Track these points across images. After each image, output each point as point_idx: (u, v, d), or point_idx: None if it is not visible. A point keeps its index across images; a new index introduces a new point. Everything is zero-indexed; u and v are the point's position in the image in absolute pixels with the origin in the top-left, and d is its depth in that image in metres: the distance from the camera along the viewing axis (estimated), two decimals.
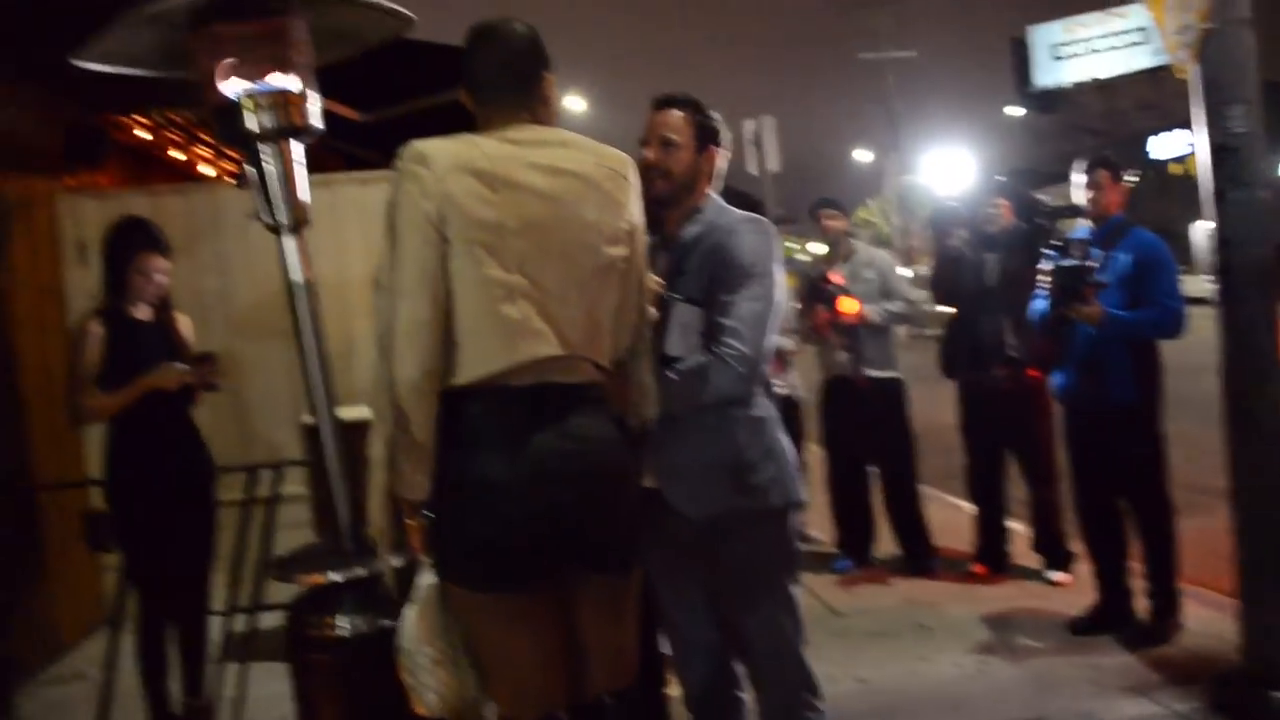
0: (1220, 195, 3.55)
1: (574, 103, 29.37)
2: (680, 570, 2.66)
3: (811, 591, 5.32)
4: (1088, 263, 4.16)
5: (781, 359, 6.17)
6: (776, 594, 2.61)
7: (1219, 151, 3.54)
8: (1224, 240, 3.55)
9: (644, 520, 2.31)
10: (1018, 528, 5.53)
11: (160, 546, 3.57)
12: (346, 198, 5.39)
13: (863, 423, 5.45)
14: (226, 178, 7.23)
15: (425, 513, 2.15)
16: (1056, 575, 5.09)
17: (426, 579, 2.19)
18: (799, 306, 5.51)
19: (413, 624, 2.17)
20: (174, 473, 3.61)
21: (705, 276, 2.54)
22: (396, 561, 2.36)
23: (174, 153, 6.65)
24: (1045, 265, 4.26)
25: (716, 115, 2.70)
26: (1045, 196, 4.39)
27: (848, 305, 5.28)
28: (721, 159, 2.71)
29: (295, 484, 4.23)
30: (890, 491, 5.58)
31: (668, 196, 2.63)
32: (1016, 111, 38.15)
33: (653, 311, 2.45)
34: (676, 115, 2.63)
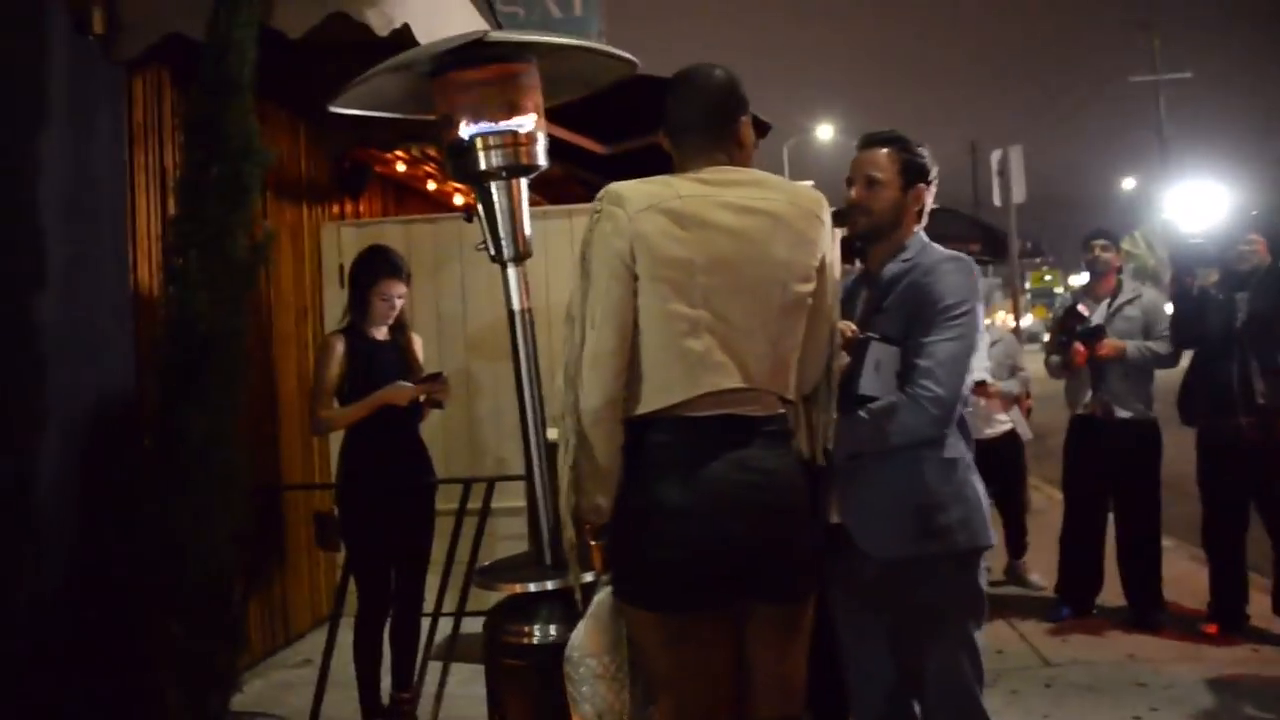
0: None
1: (824, 131, 29.46)
2: (863, 607, 2.68)
3: (1024, 638, 5.17)
4: None
5: (1005, 399, 6.04)
6: (958, 636, 2.58)
7: None
8: None
9: (820, 554, 2.35)
10: (1260, 588, 5.15)
11: (380, 548, 3.87)
12: (556, 229, 5.64)
13: (1107, 465, 5.23)
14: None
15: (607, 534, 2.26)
16: None
17: (602, 595, 2.31)
18: (1049, 339, 5.39)
19: (582, 636, 2.29)
20: (397, 480, 3.89)
21: (904, 315, 2.56)
22: (585, 578, 2.49)
23: (430, 184, 7.14)
24: None
25: (925, 152, 2.71)
26: None
27: (1107, 344, 5.12)
28: (929, 196, 2.72)
29: (517, 498, 4.46)
30: (1128, 540, 5.31)
31: (870, 233, 2.69)
32: None
33: (842, 350, 2.49)
34: (882, 154, 2.67)
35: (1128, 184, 46.99)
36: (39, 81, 3.13)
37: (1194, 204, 27.16)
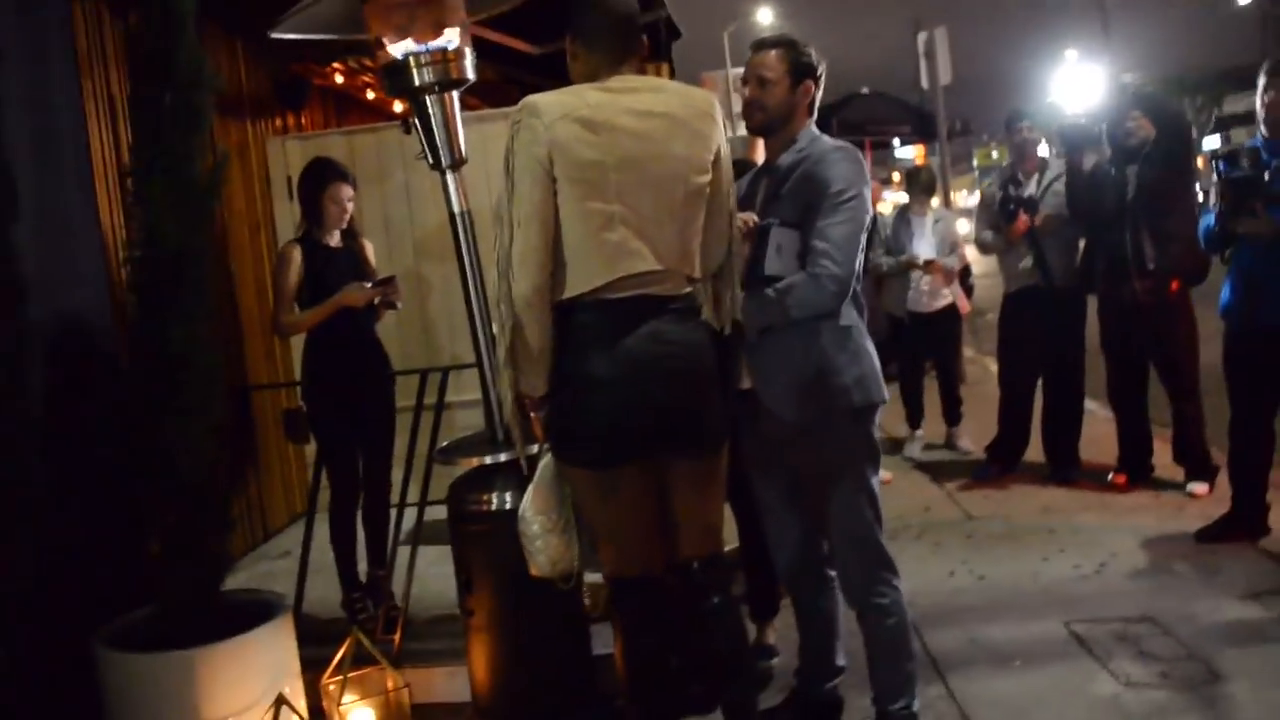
0: None
1: (764, 15, 29.25)
2: (773, 462, 3.03)
3: (950, 496, 5.61)
4: (1262, 174, 4.05)
5: (948, 273, 6.42)
6: (857, 483, 2.92)
7: None
8: None
9: (727, 411, 2.70)
10: (1164, 440, 5.57)
11: (346, 437, 4.19)
12: (495, 132, 5.81)
13: (1042, 335, 5.60)
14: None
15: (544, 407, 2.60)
16: (1196, 487, 5.18)
17: (544, 461, 2.67)
18: (977, 218, 5.71)
19: (530, 498, 2.66)
20: (357, 376, 4.20)
21: (800, 201, 2.84)
22: (530, 450, 2.83)
23: (369, 94, 7.26)
24: (1214, 177, 4.23)
25: (812, 51, 2.95)
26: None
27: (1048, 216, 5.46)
28: (817, 92, 2.97)
29: (473, 391, 4.74)
30: (1054, 405, 5.72)
31: (764, 128, 2.97)
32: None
33: (741, 232, 2.80)
34: (771, 55, 2.91)
35: (1071, 56, 46.93)
36: None
37: (1077, 84, 27.62)
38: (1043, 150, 6.36)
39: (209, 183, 3.24)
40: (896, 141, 13.86)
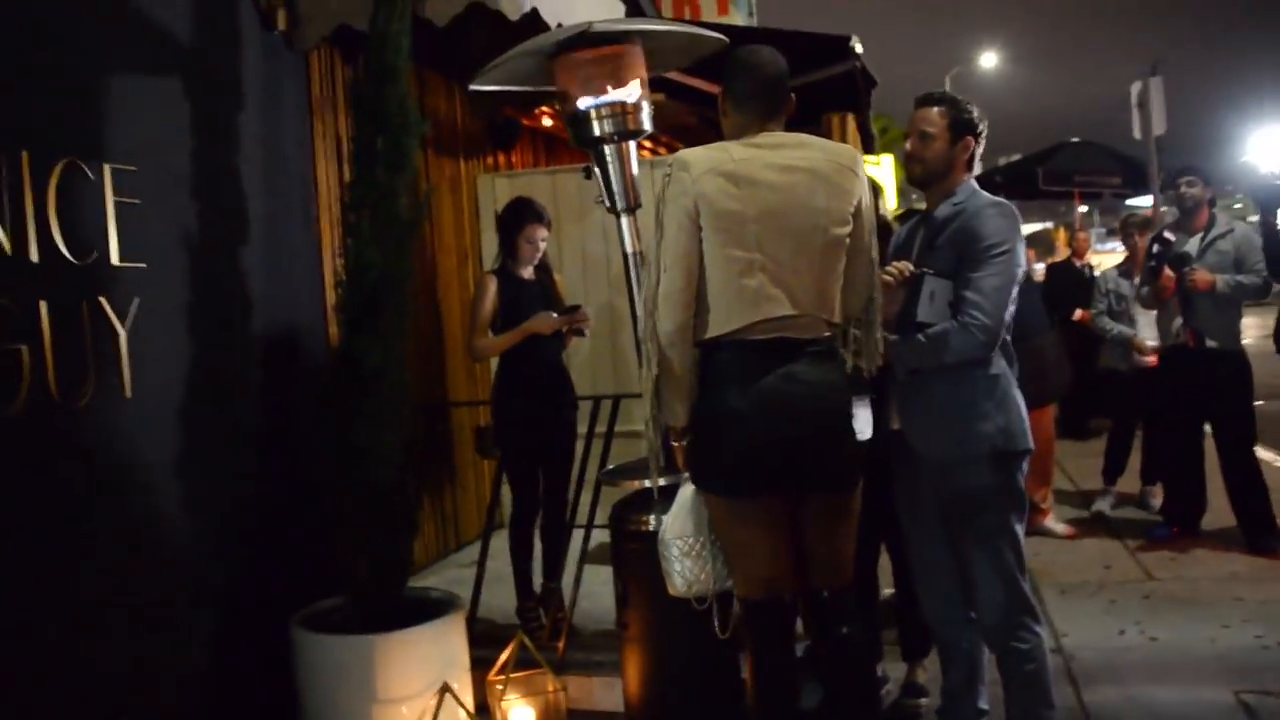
0: None
1: (987, 59, 28.84)
2: (921, 503, 3.12)
3: (1133, 555, 5.45)
4: None
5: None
6: (999, 526, 2.97)
7: None
8: None
9: (859, 452, 2.81)
10: None
11: (528, 453, 4.48)
12: None
13: (1199, 394, 5.42)
14: (645, 156, 8.23)
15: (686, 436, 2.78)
16: None
17: (685, 488, 2.86)
18: (1142, 271, 5.60)
19: (670, 522, 2.85)
20: (542, 399, 4.49)
21: (954, 253, 2.96)
22: (664, 478, 3.02)
23: None
24: None
25: (974, 108, 3.07)
26: None
27: (1199, 275, 5.28)
28: (977, 146, 3.08)
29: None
30: (1226, 467, 5.50)
31: (923, 181, 3.09)
32: None
33: (892, 273, 2.95)
34: (933, 111, 3.05)
35: None
36: (235, 69, 3.78)
37: (1273, 144, 25.80)
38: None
39: (412, 217, 3.61)
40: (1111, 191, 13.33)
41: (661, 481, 3.30)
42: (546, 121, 7.06)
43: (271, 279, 3.84)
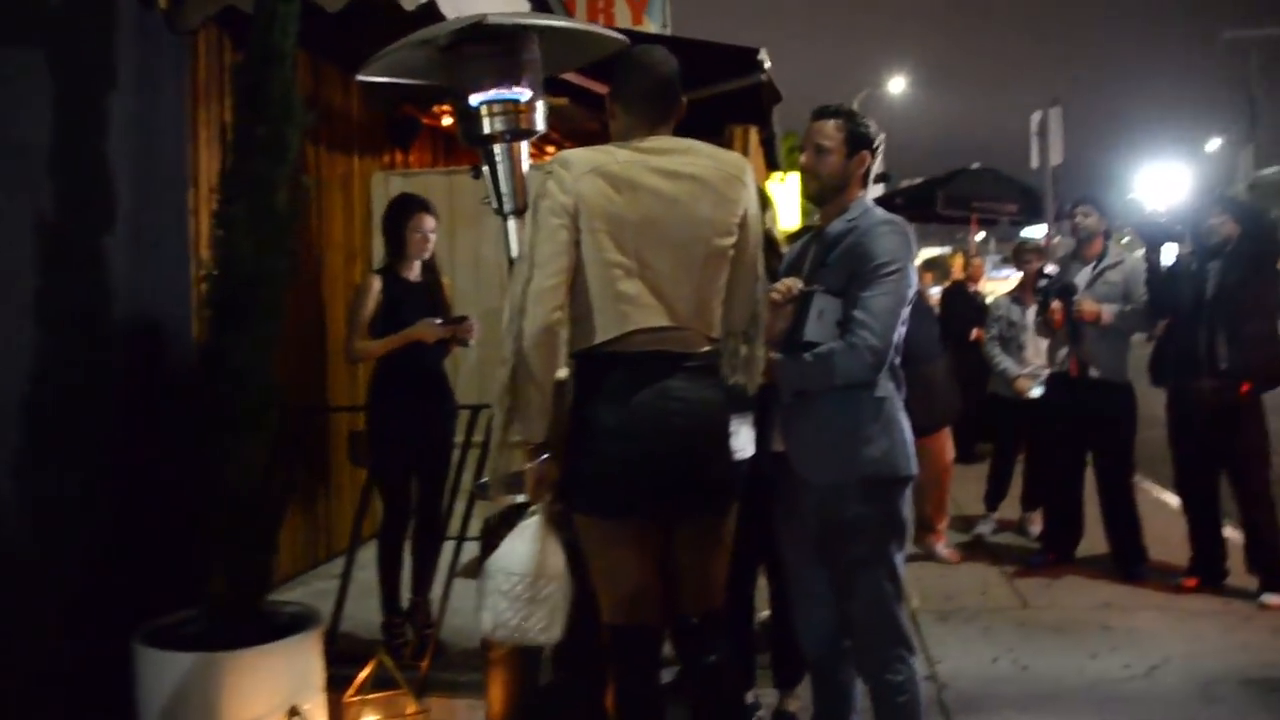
0: None
1: (896, 84, 29.34)
2: (800, 525, 3.02)
3: (1010, 582, 5.49)
4: None
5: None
6: (878, 555, 2.90)
7: None
8: None
9: (735, 473, 2.74)
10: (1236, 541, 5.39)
11: (401, 466, 4.32)
12: None
13: (1080, 423, 5.50)
14: (543, 159, 8.07)
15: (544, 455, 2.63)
16: (1270, 599, 4.95)
17: (528, 519, 2.68)
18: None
19: (501, 552, 2.65)
20: (419, 407, 4.33)
21: (845, 270, 2.89)
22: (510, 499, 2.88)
23: None
24: None
25: (870, 122, 3.01)
26: None
27: (1086, 306, 5.36)
28: (873, 161, 3.01)
29: None
30: (1105, 496, 5.58)
31: (818, 196, 3.03)
32: None
33: (780, 290, 2.87)
34: (830, 124, 2.97)
35: (1212, 145, 45.89)
36: (105, 49, 3.53)
37: (1161, 181, 27.27)
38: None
39: (290, 210, 3.43)
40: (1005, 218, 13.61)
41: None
42: (447, 120, 6.89)
43: (135, 272, 3.62)
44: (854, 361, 2.83)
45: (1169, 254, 5.26)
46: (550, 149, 8.01)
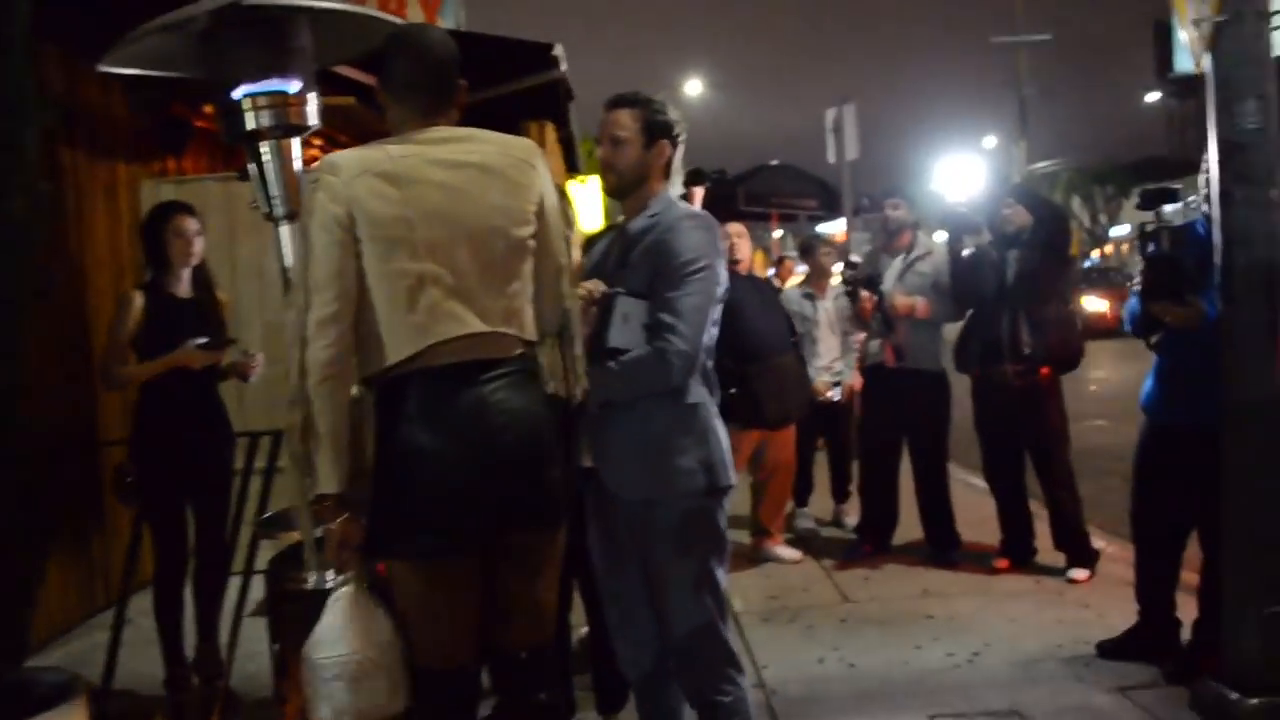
0: (1227, 196, 3.43)
1: (692, 87, 29.66)
2: (616, 545, 2.84)
3: (830, 577, 5.46)
4: (1181, 254, 3.69)
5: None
6: (699, 571, 2.73)
7: (1226, 148, 3.44)
8: (1228, 241, 3.44)
9: (567, 485, 2.49)
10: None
11: (174, 502, 3.90)
12: None
13: (898, 412, 5.54)
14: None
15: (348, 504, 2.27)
16: (1076, 573, 5.12)
17: (339, 594, 2.34)
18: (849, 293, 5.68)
19: (319, 637, 2.31)
20: (192, 436, 3.93)
21: (648, 270, 2.69)
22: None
23: None
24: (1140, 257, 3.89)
25: (671, 111, 2.81)
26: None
27: (899, 301, 5.43)
28: (674, 152, 2.83)
29: None
30: (920, 483, 5.66)
31: (618, 191, 2.83)
32: (1154, 97, 37.24)
33: (581, 294, 2.63)
34: (624, 114, 2.77)
35: (989, 142, 48.64)
36: None
37: (957, 174, 28.64)
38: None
39: (26, 219, 3.01)
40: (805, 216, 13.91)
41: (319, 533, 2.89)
42: None
43: None
44: (661, 367, 2.64)
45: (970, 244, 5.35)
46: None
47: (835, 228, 13.32)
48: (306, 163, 2.94)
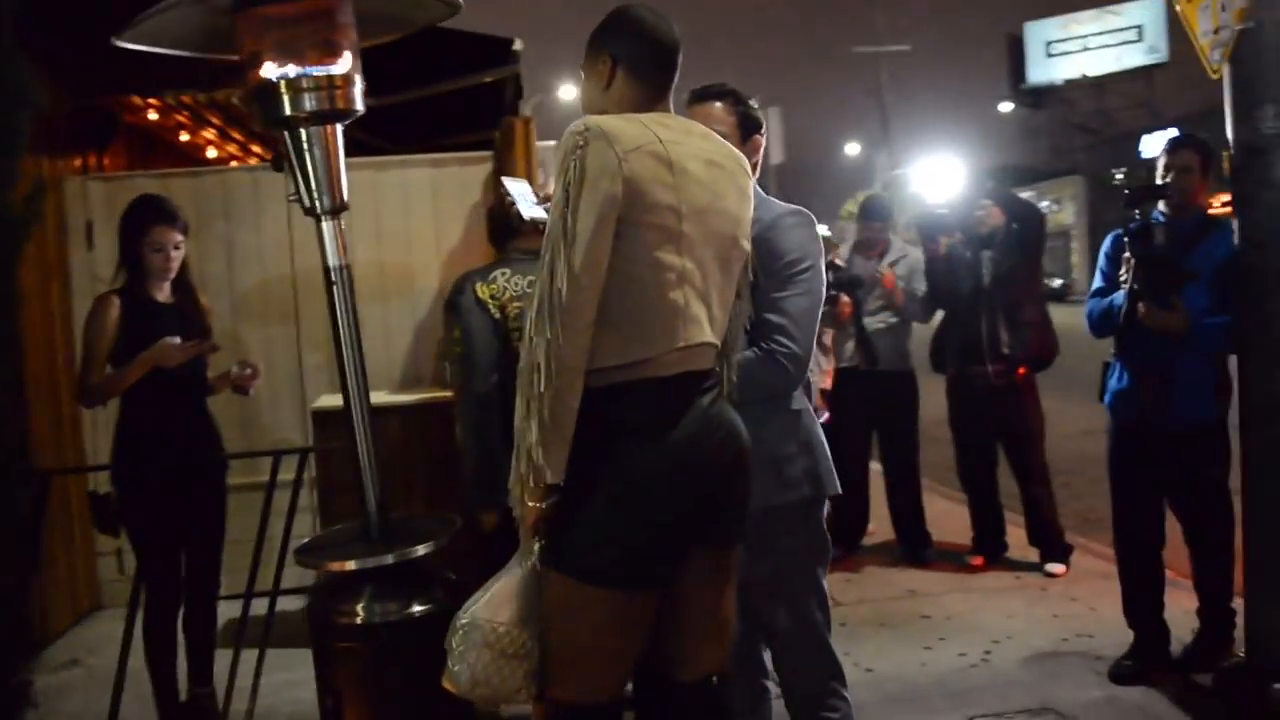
0: (1248, 198, 3.47)
1: (567, 91, 29.35)
2: None
3: None
4: (1175, 252, 3.66)
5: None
6: (807, 584, 2.62)
7: (1246, 152, 3.47)
8: (1249, 243, 3.47)
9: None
10: (1016, 523, 5.59)
11: (166, 533, 3.55)
12: (391, 182, 5.36)
13: (870, 414, 5.53)
14: (248, 161, 7.16)
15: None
16: (1053, 567, 5.17)
17: (528, 561, 2.09)
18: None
19: (486, 600, 2.08)
20: (183, 460, 3.60)
21: (749, 269, 2.53)
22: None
23: (182, 135, 6.59)
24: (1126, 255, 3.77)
25: (755, 103, 2.69)
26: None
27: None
28: (762, 148, 2.69)
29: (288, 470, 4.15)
30: (893, 483, 5.66)
31: None
32: (1008, 108, 38.96)
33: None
34: (718, 107, 2.60)
35: (852, 149, 50.19)
36: None
37: (936, 174, 29.12)
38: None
39: (25, 216, 2.68)
40: None
41: (390, 558, 2.63)
42: (152, 115, 5.97)
43: None
44: (773, 371, 2.48)
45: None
46: (256, 146, 7.14)
47: None
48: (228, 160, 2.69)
